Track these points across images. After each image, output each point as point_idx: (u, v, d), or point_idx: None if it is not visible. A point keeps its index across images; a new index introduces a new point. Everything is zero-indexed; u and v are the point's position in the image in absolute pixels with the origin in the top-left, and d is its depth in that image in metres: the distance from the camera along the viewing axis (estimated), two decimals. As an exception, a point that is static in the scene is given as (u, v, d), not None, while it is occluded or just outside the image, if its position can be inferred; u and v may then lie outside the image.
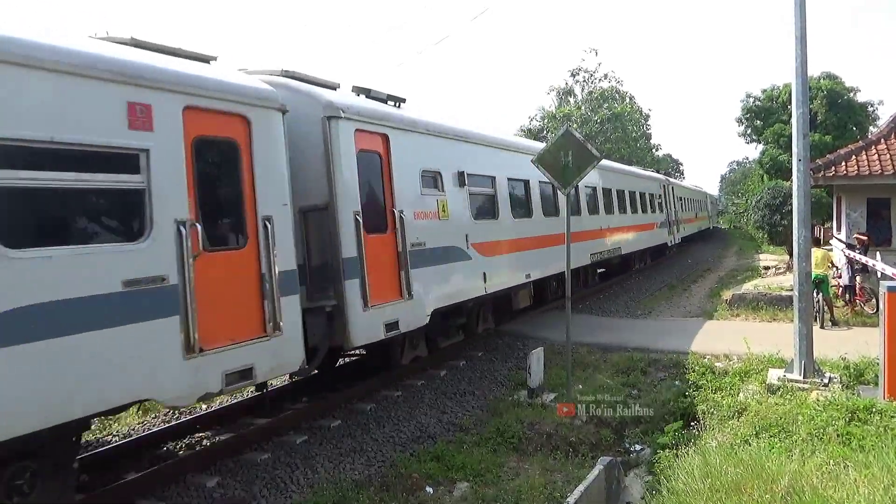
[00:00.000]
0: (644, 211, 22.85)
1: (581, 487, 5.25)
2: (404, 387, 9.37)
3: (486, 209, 11.09)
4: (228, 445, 7.02)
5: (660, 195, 25.82)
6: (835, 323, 12.73)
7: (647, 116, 49.86)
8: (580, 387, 8.89)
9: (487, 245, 10.69)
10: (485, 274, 10.48)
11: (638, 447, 7.78)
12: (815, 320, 11.28)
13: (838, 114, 32.70)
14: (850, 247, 14.96)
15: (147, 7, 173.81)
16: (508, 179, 11.88)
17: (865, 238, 14.91)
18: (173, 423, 8.06)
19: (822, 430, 6.42)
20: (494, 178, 11.34)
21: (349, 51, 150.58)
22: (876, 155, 15.82)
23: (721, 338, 11.39)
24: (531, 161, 9.01)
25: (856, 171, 15.44)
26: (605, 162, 16.36)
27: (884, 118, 25.68)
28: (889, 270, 10.94)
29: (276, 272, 6.18)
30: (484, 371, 10.51)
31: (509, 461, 7.06)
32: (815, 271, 11.16)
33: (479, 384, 9.90)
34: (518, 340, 12.24)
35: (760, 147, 37.62)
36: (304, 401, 8.50)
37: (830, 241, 20.92)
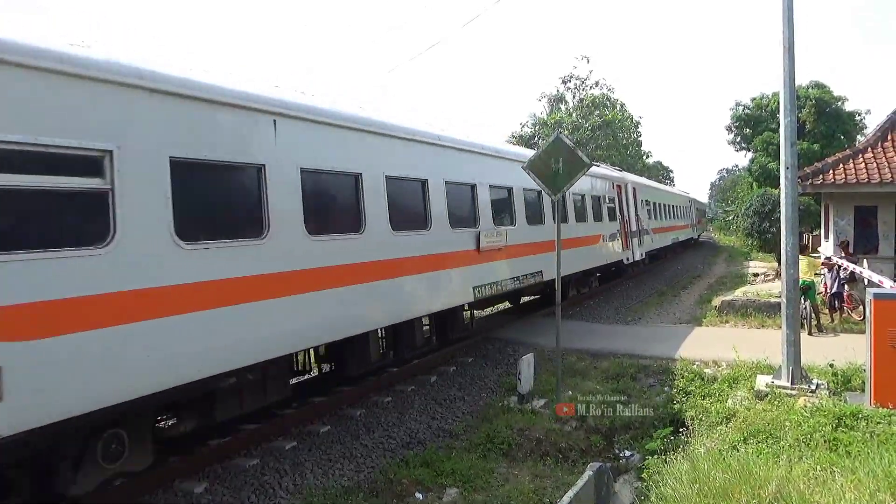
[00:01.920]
0: None
1: (570, 493, 5.24)
2: (394, 392, 9.36)
3: None
4: (217, 451, 6.98)
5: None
6: (822, 329, 12.82)
7: (638, 123, 50.17)
8: (570, 393, 8.91)
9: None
10: None
11: (627, 453, 7.81)
12: (803, 327, 11.36)
13: (826, 123, 32.97)
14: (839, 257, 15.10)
15: (145, 4, 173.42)
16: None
17: (842, 242, 15.16)
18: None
19: (809, 436, 6.47)
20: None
21: (347, 51, 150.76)
22: (863, 163, 15.97)
23: (710, 344, 11.46)
24: (522, 167, 9.04)
25: (843, 180, 15.58)
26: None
27: (871, 127, 25.94)
28: (875, 277, 11.04)
29: None
30: (474, 377, 10.51)
31: (499, 467, 7.06)
32: (803, 278, 11.25)
33: (469, 390, 9.90)
34: (508, 346, 12.25)
35: (750, 155, 37.92)
36: (294, 406, 8.47)
37: (818, 250, 21.08)
